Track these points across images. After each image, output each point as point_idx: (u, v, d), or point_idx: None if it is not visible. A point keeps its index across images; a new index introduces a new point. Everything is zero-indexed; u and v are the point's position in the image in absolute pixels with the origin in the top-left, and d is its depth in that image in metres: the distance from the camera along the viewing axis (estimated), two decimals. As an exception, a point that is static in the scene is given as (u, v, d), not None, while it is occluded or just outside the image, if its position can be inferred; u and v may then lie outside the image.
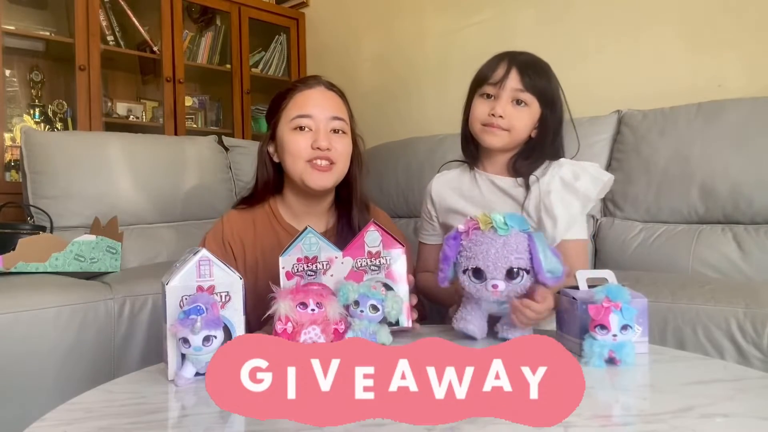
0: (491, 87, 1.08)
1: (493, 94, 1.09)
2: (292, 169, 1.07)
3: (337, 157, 1.07)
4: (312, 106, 1.08)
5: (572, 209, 1.05)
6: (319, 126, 1.07)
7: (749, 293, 1.09)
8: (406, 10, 2.55)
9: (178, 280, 0.74)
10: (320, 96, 1.10)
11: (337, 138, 1.08)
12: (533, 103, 1.08)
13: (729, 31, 1.67)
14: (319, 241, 0.89)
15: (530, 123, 1.10)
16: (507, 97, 1.07)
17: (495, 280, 0.79)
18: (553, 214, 1.04)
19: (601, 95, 1.87)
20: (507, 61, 1.09)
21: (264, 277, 1.02)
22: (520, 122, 1.08)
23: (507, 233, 0.80)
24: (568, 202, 1.05)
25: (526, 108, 1.08)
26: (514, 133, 1.08)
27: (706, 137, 1.51)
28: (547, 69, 1.12)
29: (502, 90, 1.07)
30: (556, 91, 1.11)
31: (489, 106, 1.08)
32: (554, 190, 1.05)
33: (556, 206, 1.04)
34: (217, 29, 2.86)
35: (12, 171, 2.35)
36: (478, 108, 1.11)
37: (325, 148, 1.05)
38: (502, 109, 1.06)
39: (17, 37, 2.33)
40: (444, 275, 0.85)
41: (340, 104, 1.12)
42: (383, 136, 2.41)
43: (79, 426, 0.59)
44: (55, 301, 1.28)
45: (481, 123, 1.09)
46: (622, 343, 0.74)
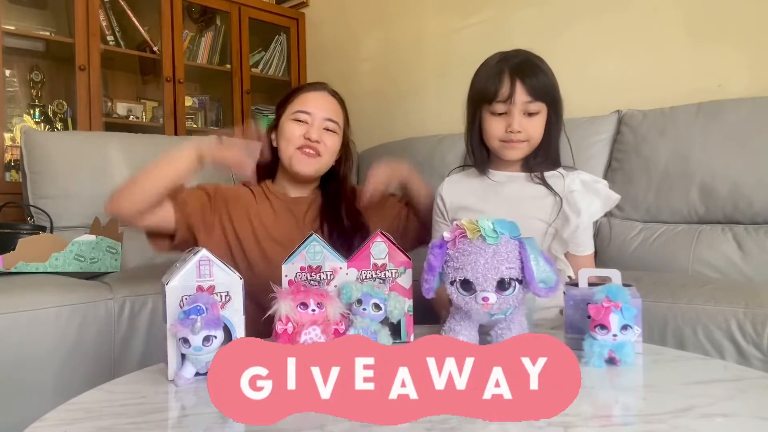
0: (501, 105, 1.09)
1: (504, 111, 1.09)
2: (284, 152, 1.23)
3: (324, 150, 1.23)
4: (312, 106, 1.23)
5: (593, 207, 1.08)
6: (314, 122, 1.22)
7: (749, 293, 1.09)
8: (406, 10, 2.55)
9: (178, 280, 0.74)
10: (322, 99, 1.26)
11: (328, 135, 1.24)
12: (542, 109, 1.10)
13: (729, 31, 1.67)
14: (324, 250, 0.87)
15: (542, 128, 1.12)
16: (519, 112, 1.08)
17: (485, 293, 0.73)
18: (577, 208, 1.07)
19: (601, 95, 1.87)
20: (508, 73, 1.08)
21: (261, 232, 1.20)
22: (536, 131, 1.11)
23: (496, 242, 0.74)
24: (590, 201, 1.08)
25: (537, 116, 1.10)
26: (533, 141, 1.11)
27: (706, 137, 1.51)
28: (542, 64, 1.12)
29: (512, 106, 1.08)
30: (555, 85, 1.12)
31: (503, 123, 1.09)
32: (577, 189, 1.09)
33: (579, 201, 1.07)
34: (217, 29, 2.86)
35: (12, 171, 2.35)
36: (492, 126, 1.11)
37: (315, 140, 1.20)
38: (518, 125, 1.08)
39: (17, 37, 2.33)
40: (429, 286, 0.80)
41: (338, 109, 1.28)
42: (383, 136, 2.41)
43: (79, 426, 0.59)
44: (55, 301, 1.28)
45: (500, 140, 1.11)
46: (622, 343, 0.74)
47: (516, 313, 0.80)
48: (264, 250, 1.19)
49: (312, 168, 1.23)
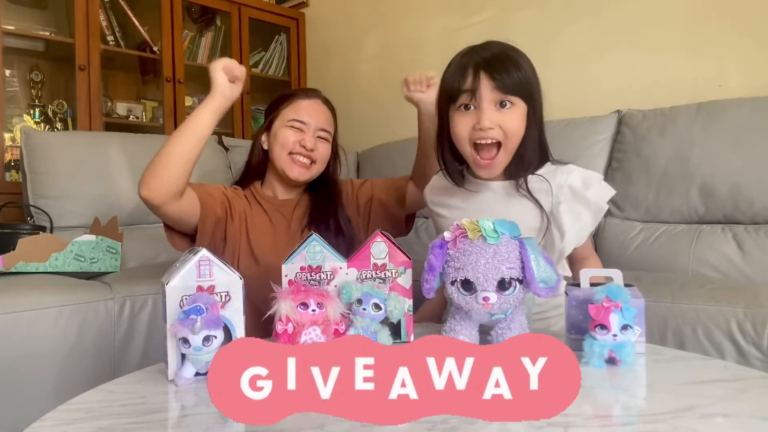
0: (466, 96, 0.95)
1: (468, 104, 0.96)
2: (278, 156, 1.26)
3: (317, 158, 1.28)
4: (307, 115, 1.27)
5: (582, 219, 0.98)
6: (309, 131, 1.27)
7: (749, 293, 1.09)
8: (406, 11, 2.55)
9: (178, 280, 0.74)
10: (316, 108, 1.30)
11: (321, 143, 1.29)
12: (517, 101, 0.96)
13: (729, 32, 1.67)
14: (324, 250, 0.87)
15: (521, 123, 0.97)
16: (488, 105, 0.94)
17: (486, 293, 0.73)
18: (562, 228, 0.97)
19: (601, 95, 1.87)
20: (472, 67, 0.95)
21: (254, 232, 1.24)
22: (512, 125, 0.95)
23: (497, 242, 0.74)
24: (578, 213, 0.98)
25: (512, 108, 0.96)
26: (510, 140, 0.96)
27: (706, 137, 1.51)
28: (517, 56, 0.98)
29: (480, 101, 0.94)
30: (530, 78, 0.98)
31: (471, 119, 0.96)
32: (564, 200, 0.98)
33: (564, 218, 0.97)
34: (217, 29, 2.86)
35: (12, 171, 2.35)
36: (459, 124, 0.97)
37: (310, 148, 1.25)
38: (489, 120, 0.94)
39: (17, 37, 2.33)
40: (429, 286, 0.79)
41: (330, 119, 1.32)
42: (383, 136, 2.41)
43: (79, 426, 0.59)
44: (55, 301, 1.28)
45: (471, 142, 0.97)
46: (622, 343, 0.74)
47: (516, 313, 0.80)
48: (258, 256, 1.21)
49: (305, 176, 1.27)
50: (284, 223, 1.28)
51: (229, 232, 1.23)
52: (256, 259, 1.21)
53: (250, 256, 1.22)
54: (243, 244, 1.23)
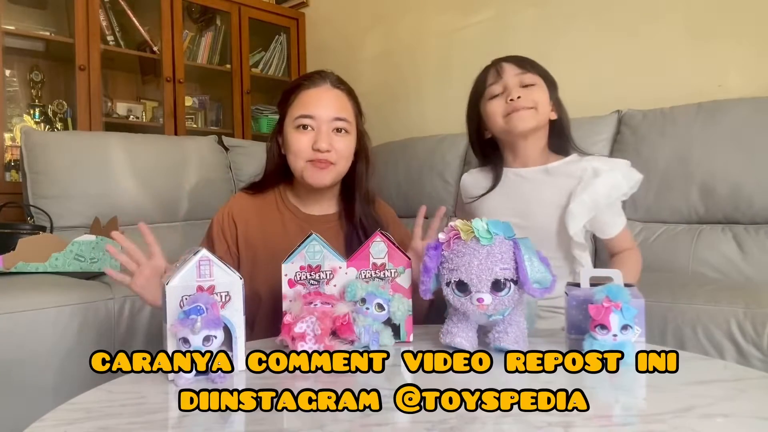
0: (495, 86, 1.11)
1: (499, 92, 1.11)
2: (294, 165, 1.11)
3: (337, 158, 1.09)
4: (315, 107, 1.09)
5: (613, 177, 1.05)
6: (321, 127, 1.08)
7: (749, 293, 1.09)
8: (406, 11, 2.55)
9: (178, 280, 0.74)
10: (325, 95, 1.11)
11: (339, 138, 1.10)
12: (539, 82, 1.10)
13: (729, 31, 1.67)
14: (323, 249, 0.87)
15: (547, 99, 1.11)
16: (514, 84, 1.09)
17: (480, 294, 0.73)
18: (597, 174, 1.05)
19: (601, 95, 1.87)
20: (494, 63, 1.13)
21: (263, 255, 1.10)
22: (539, 99, 1.09)
23: (490, 242, 0.74)
24: (611, 169, 1.06)
25: (535, 87, 1.09)
26: (540, 108, 1.09)
27: (706, 137, 1.51)
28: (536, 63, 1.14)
29: (506, 81, 1.10)
30: (547, 73, 1.13)
31: (502, 100, 1.10)
32: (596, 165, 1.06)
33: (601, 168, 1.05)
34: (217, 29, 2.86)
35: (12, 171, 2.35)
36: (492, 108, 1.11)
37: (325, 150, 1.07)
38: (517, 93, 1.08)
39: (17, 37, 2.33)
40: (426, 287, 0.79)
41: (345, 103, 1.12)
42: (383, 136, 2.41)
43: (79, 426, 0.59)
44: (55, 301, 1.28)
45: (503, 116, 1.10)
46: (622, 343, 0.74)
47: (514, 315, 0.79)
48: (266, 267, 1.10)
49: (327, 179, 1.09)
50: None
51: (242, 254, 1.13)
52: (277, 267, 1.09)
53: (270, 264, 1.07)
54: (261, 258, 1.12)
